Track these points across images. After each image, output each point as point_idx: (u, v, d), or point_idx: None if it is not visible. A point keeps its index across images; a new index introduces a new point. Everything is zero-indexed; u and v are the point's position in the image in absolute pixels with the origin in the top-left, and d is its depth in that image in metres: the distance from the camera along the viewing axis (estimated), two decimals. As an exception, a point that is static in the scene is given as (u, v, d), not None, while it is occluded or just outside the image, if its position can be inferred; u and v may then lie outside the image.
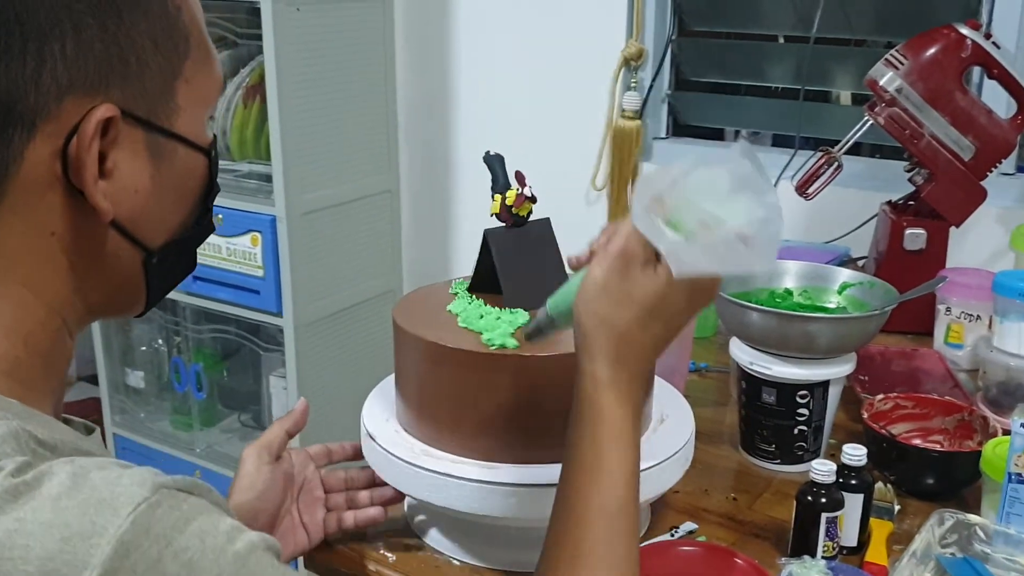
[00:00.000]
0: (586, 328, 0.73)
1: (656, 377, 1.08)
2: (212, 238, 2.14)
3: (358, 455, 1.03)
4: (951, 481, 1.12)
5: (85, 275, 0.62)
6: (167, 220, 0.64)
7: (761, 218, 0.68)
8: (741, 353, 1.18)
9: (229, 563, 0.52)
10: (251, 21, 2.00)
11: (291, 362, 2.14)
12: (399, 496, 1.02)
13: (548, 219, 1.06)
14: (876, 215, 1.67)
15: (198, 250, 0.70)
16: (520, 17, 2.19)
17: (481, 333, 0.94)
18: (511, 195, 1.00)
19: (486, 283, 1.04)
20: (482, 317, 0.97)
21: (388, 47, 2.22)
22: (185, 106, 0.62)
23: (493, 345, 0.91)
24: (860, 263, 1.74)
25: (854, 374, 1.35)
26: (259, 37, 1.95)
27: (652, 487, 0.97)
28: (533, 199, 1.01)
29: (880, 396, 1.20)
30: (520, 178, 1.03)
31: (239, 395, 2.52)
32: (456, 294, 1.05)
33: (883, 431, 1.13)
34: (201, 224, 0.68)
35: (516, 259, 1.06)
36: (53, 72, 0.55)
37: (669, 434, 1.02)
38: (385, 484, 1.00)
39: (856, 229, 1.77)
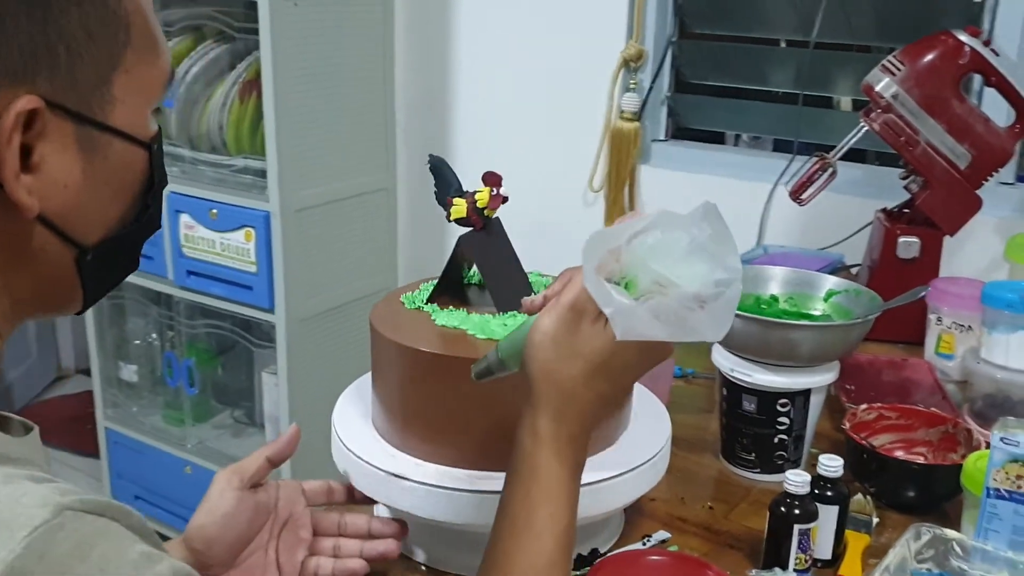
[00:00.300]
0: (532, 379, 0.72)
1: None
2: (206, 232, 2.13)
3: (360, 500, 0.96)
4: (932, 495, 1.09)
5: (8, 270, 0.59)
6: (102, 216, 0.62)
7: (719, 281, 0.66)
8: (723, 359, 1.16)
9: None
10: (248, 15, 1.99)
11: (282, 359, 2.13)
12: (395, 551, 0.94)
13: (499, 218, 1.03)
14: (871, 222, 1.65)
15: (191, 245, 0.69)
16: (520, 16, 2.18)
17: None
18: (483, 196, 0.97)
19: (453, 290, 1.02)
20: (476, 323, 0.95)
21: (388, 44, 2.20)
22: (123, 98, 0.60)
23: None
24: (854, 271, 1.72)
25: (840, 383, 1.33)
26: (256, 31, 1.94)
27: (622, 495, 0.95)
28: (505, 199, 0.99)
29: (863, 406, 1.18)
30: (495, 179, 1.01)
31: (233, 391, 2.51)
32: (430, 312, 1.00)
33: (863, 442, 1.11)
34: (142, 220, 0.65)
35: (494, 263, 1.04)
36: None
37: (643, 441, 1.00)
38: (383, 537, 0.93)
39: (851, 236, 1.75)
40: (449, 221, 1.00)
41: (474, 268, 1.07)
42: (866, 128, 1.50)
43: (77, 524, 0.50)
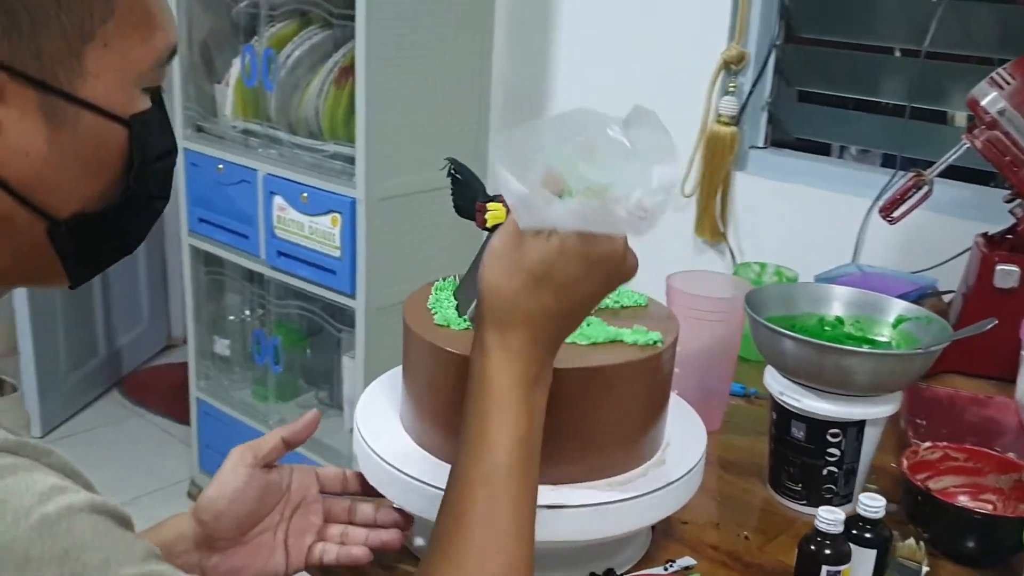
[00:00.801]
0: (480, 296, 0.72)
1: (673, 396, 1.01)
2: (296, 215, 2.16)
3: (374, 491, 0.94)
4: (994, 547, 1.00)
5: None
6: (76, 190, 0.61)
7: (650, 186, 0.66)
8: (774, 382, 1.10)
9: (31, 526, 0.48)
10: (348, 1, 2.00)
11: (360, 344, 2.14)
12: (397, 542, 0.93)
13: None
14: (971, 248, 1.54)
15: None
16: (622, 13, 2.13)
17: None
18: None
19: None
20: None
21: (487, 36, 2.19)
22: (98, 72, 0.59)
23: None
24: (947, 298, 1.60)
25: (909, 416, 1.25)
26: (353, 18, 1.95)
27: (641, 516, 0.91)
28: None
29: (927, 444, 1.09)
30: None
31: (318, 373, 2.55)
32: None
33: (918, 483, 1.03)
34: (130, 199, 0.64)
35: None
36: None
37: (674, 461, 0.95)
38: (387, 527, 0.93)
39: (948, 261, 1.64)
40: (483, 228, 0.96)
41: None
42: (967, 145, 1.40)
43: None
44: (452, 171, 0.94)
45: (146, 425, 3.21)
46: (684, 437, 1.00)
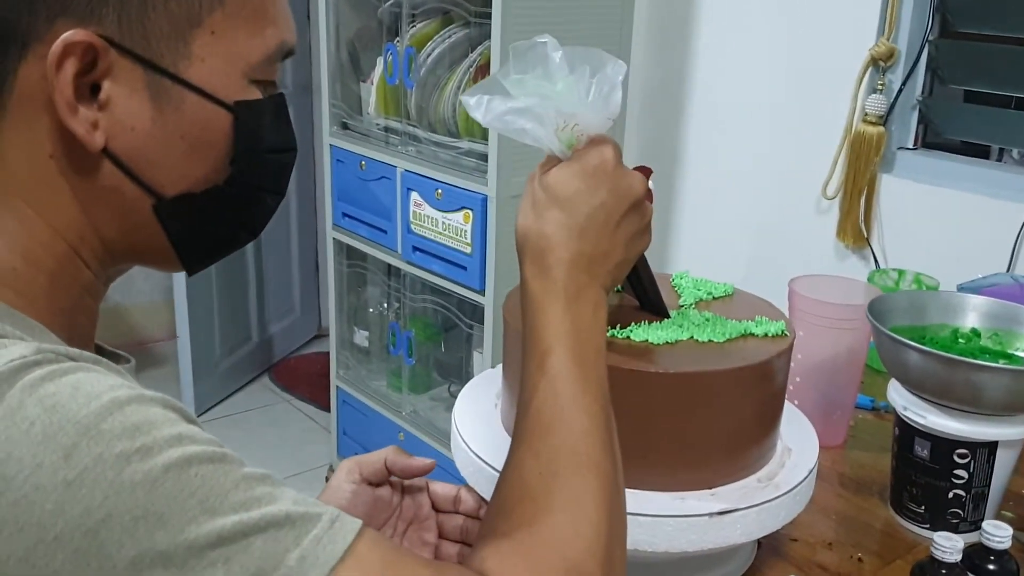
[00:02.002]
0: (516, 244, 0.75)
1: (789, 406, 0.97)
2: (431, 211, 2.20)
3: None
4: None
5: (90, 205, 0.62)
6: (180, 169, 0.63)
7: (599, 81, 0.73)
8: (898, 396, 1.03)
9: (103, 404, 0.50)
10: (486, 0, 2.01)
11: (488, 340, 2.16)
12: None
13: None
14: None
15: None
16: (764, 5, 2.05)
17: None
18: None
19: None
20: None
21: (625, 32, 2.16)
22: (205, 57, 0.61)
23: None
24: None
25: (1054, 440, 1.15)
26: (490, 16, 1.97)
27: (739, 531, 0.87)
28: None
29: (1070, 471, 1.01)
30: (646, 171, 0.94)
31: (450, 367, 2.59)
32: None
33: (1056, 513, 0.94)
34: (236, 186, 0.66)
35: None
36: None
37: (783, 474, 0.91)
38: None
39: (1114, 272, 1.50)
40: None
41: None
42: None
43: (57, 363, 0.52)
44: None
45: (292, 411, 3.34)
46: (796, 450, 0.95)
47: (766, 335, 0.91)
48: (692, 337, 0.90)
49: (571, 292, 0.71)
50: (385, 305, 2.63)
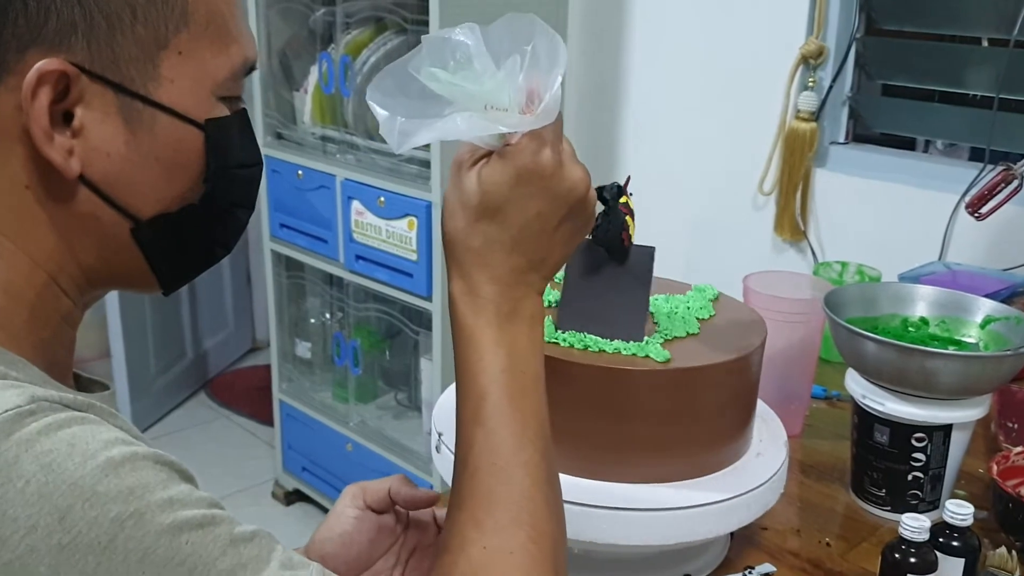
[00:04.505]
0: (443, 246, 0.72)
1: (759, 402, 1.00)
2: (373, 219, 2.19)
3: None
4: (1091, 556, 0.96)
5: (68, 233, 0.62)
6: (156, 191, 0.63)
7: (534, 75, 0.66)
8: (855, 385, 1.07)
9: (98, 465, 0.50)
10: (422, 7, 2.01)
11: (437, 346, 2.16)
12: None
13: None
14: (1065, 243, 1.48)
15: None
16: (696, 8, 2.10)
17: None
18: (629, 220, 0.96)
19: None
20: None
21: (560, 34, 2.18)
22: (174, 78, 0.61)
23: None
24: (1040, 296, 1.54)
25: (1000, 420, 1.20)
26: (427, 23, 1.97)
27: (722, 523, 0.90)
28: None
29: (1019, 449, 1.06)
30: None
31: (397, 375, 2.58)
32: None
33: (1010, 490, 0.99)
34: (210, 203, 0.66)
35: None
36: (14, 26, 0.56)
37: (755, 467, 0.94)
38: None
39: (1042, 257, 1.58)
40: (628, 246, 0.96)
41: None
42: (1060, 137, 1.34)
43: (52, 413, 0.52)
44: (608, 198, 0.93)
45: (231, 427, 3.29)
46: (766, 442, 0.98)
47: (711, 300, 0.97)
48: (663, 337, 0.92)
49: (504, 311, 0.69)
50: (328, 315, 2.61)
